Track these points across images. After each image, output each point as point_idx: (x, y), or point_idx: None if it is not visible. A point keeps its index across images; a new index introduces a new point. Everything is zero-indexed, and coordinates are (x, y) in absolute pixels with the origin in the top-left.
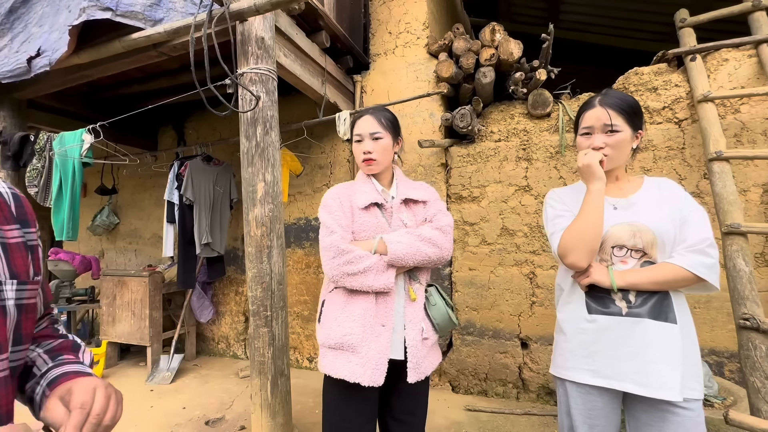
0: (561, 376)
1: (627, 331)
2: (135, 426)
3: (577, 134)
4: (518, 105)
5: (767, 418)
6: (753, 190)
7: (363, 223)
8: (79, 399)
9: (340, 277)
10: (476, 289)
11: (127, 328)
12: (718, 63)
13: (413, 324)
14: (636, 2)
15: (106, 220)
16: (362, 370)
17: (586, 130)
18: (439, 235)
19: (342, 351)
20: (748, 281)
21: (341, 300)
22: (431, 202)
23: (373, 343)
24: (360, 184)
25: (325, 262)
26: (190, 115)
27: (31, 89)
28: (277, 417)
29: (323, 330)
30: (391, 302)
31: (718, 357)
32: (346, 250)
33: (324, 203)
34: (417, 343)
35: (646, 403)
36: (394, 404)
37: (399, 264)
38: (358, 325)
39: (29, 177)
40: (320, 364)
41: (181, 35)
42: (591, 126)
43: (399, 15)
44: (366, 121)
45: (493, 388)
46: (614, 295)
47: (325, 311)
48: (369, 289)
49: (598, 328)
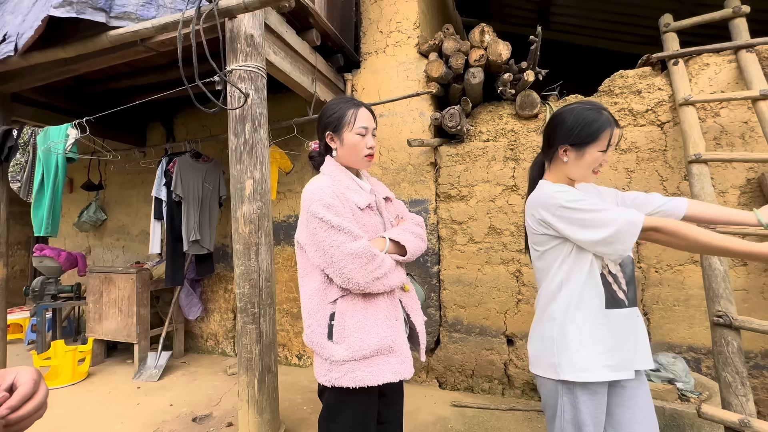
0: (580, 379)
1: (631, 321)
2: (121, 423)
3: (593, 147)
4: (507, 106)
5: (738, 411)
6: (731, 191)
7: (365, 224)
8: (30, 376)
9: (370, 283)
10: (464, 287)
11: (114, 326)
12: (700, 67)
13: (415, 312)
14: (624, 6)
15: (93, 216)
16: (403, 366)
17: (608, 147)
18: (422, 231)
19: (378, 356)
20: (722, 280)
21: (360, 306)
22: (394, 200)
23: (400, 338)
24: (346, 181)
25: (354, 270)
26: (179, 111)
27: (16, 83)
28: (265, 413)
29: (346, 344)
30: (397, 297)
31: (696, 353)
32: (375, 255)
33: (324, 202)
34: (423, 328)
35: (619, 384)
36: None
37: (410, 260)
38: (386, 325)
39: (12, 172)
40: (347, 379)
41: (169, 31)
42: (611, 145)
43: (390, 14)
44: (368, 116)
45: (479, 384)
46: (617, 287)
47: (342, 323)
48: (390, 289)
49: (611, 323)
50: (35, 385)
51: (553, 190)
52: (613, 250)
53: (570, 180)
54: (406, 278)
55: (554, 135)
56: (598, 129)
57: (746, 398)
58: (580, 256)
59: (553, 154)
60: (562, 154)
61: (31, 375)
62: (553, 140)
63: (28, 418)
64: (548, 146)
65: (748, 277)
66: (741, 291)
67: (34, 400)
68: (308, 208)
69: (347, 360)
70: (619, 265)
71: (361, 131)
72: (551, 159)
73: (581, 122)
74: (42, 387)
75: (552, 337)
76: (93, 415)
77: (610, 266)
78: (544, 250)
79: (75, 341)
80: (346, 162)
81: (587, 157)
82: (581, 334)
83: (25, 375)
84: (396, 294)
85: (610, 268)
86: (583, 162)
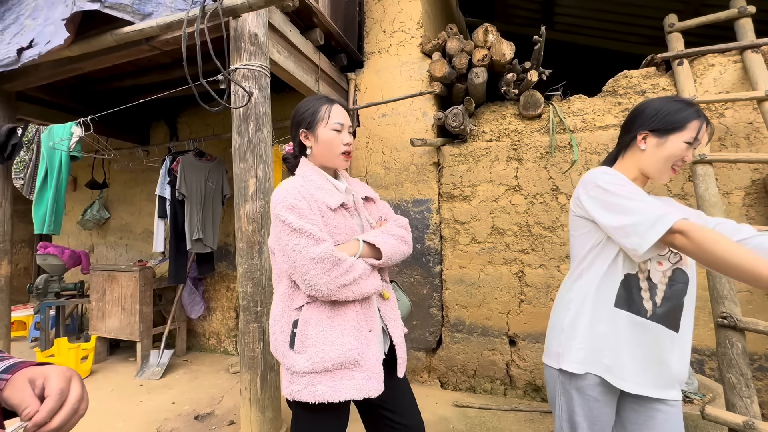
0: (570, 369)
1: (651, 336)
2: (124, 421)
3: (677, 136)
4: (510, 106)
5: (742, 413)
6: (735, 192)
7: (336, 226)
8: (57, 385)
9: (335, 290)
10: (466, 287)
11: (117, 324)
12: (704, 68)
13: (395, 322)
14: (628, 6)
15: (97, 215)
16: (369, 383)
17: (694, 141)
18: (406, 234)
19: (341, 370)
20: (727, 281)
21: (325, 314)
22: (378, 201)
23: (369, 351)
24: (318, 181)
25: (316, 276)
26: (183, 110)
27: (21, 81)
28: (267, 412)
29: (307, 355)
30: (374, 305)
31: (699, 355)
32: (341, 260)
33: (288, 204)
34: (402, 340)
35: (637, 402)
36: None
37: (387, 265)
38: (353, 336)
39: (16, 169)
40: (307, 393)
41: (174, 30)
42: (698, 140)
43: (393, 14)
44: (343, 112)
45: (481, 384)
46: (648, 296)
47: (305, 332)
48: (361, 296)
49: (616, 321)
50: (62, 394)
51: (600, 171)
52: (630, 242)
53: (643, 175)
54: (385, 285)
55: (634, 121)
56: (686, 117)
57: (751, 400)
58: (606, 249)
59: (630, 141)
60: (641, 141)
61: (58, 384)
62: (632, 126)
63: (65, 426)
64: (625, 132)
65: None
66: (745, 293)
67: (66, 406)
68: (273, 210)
69: (308, 372)
70: (668, 279)
71: (336, 127)
72: (627, 147)
73: (668, 108)
74: (74, 390)
75: (562, 326)
76: (95, 412)
77: (653, 274)
78: (576, 235)
79: (78, 339)
80: (322, 161)
81: (669, 146)
82: (588, 327)
83: (51, 384)
84: (373, 302)
85: (651, 274)
86: (664, 151)
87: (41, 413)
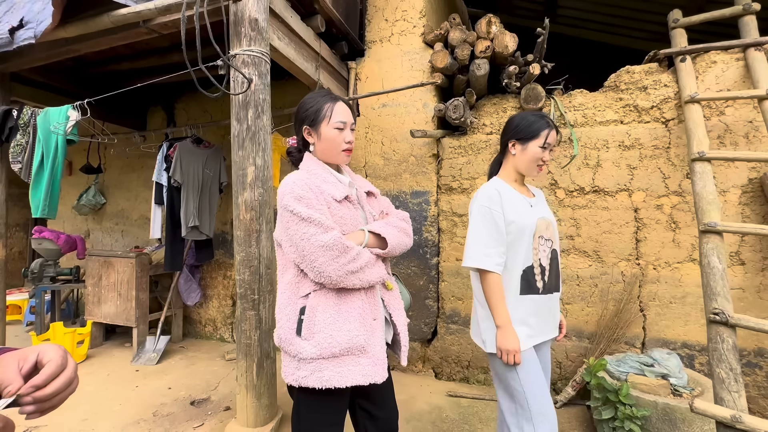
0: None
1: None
2: (120, 405)
3: (532, 142)
4: (511, 98)
5: (730, 407)
6: (732, 191)
7: (342, 217)
8: (56, 354)
9: (343, 276)
10: (462, 279)
11: (113, 309)
12: (707, 65)
13: (398, 311)
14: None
15: (93, 200)
16: (374, 368)
17: (546, 144)
18: (408, 226)
19: (348, 356)
20: (720, 278)
21: (332, 301)
22: (379, 196)
23: (375, 338)
24: (323, 174)
25: (325, 263)
26: (181, 95)
27: (15, 62)
28: (263, 398)
29: (315, 341)
30: (378, 295)
31: (690, 350)
32: (349, 247)
33: (296, 194)
34: (405, 329)
35: (538, 346)
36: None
37: (391, 255)
38: (359, 323)
39: (13, 153)
40: (314, 379)
41: (173, 13)
42: (551, 144)
43: (396, 2)
44: (346, 110)
45: (474, 375)
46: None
47: (313, 318)
48: (367, 285)
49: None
50: (62, 360)
51: (481, 190)
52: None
53: (519, 174)
54: (388, 276)
55: (506, 132)
56: (539, 128)
57: (739, 394)
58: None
59: (504, 147)
60: (511, 147)
61: (58, 351)
62: (504, 136)
63: (59, 395)
64: (502, 140)
65: (745, 276)
66: (737, 290)
67: (63, 375)
68: (281, 202)
69: (315, 358)
70: (549, 259)
71: (338, 125)
72: (504, 153)
73: (526, 120)
74: (71, 362)
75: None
76: (92, 396)
77: (543, 260)
78: None
79: (74, 324)
80: (324, 157)
81: (530, 150)
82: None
83: (50, 352)
84: (376, 291)
85: (542, 261)
86: (527, 154)
87: (40, 376)
